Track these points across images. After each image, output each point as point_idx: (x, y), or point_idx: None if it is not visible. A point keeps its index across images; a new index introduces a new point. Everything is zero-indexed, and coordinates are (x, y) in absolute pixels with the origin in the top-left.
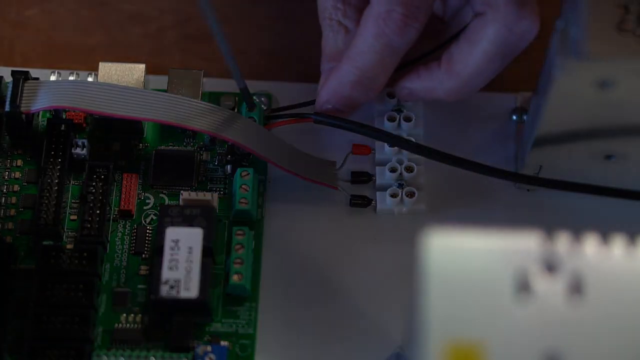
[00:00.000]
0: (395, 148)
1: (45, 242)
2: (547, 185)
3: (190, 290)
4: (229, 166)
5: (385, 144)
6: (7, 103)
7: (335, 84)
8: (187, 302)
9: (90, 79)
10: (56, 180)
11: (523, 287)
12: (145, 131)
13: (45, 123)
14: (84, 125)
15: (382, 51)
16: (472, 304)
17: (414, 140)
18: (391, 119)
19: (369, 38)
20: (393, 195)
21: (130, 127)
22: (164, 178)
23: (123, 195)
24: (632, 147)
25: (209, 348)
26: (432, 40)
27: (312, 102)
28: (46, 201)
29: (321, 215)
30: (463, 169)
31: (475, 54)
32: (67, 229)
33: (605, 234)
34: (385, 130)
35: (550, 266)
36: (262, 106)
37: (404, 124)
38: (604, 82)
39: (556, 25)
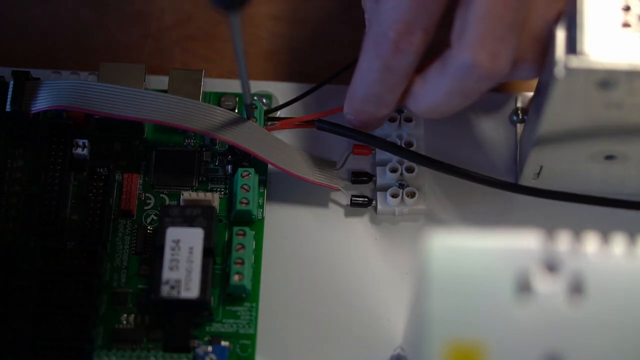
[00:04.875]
0: None
1: (46, 242)
2: (547, 196)
3: (191, 290)
4: (229, 166)
5: None
6: (8, 103)
7: (349, 95)
8: (188, 302)
9: (90, 79)
10: (57, 181)
11: (524, 287)
12: (146, 131)
13: (46, 123)
14: (85, 125)
15: (381, 71)
16: (473, 304)
17: (414, 142)
18: (392, 120)
19: (368, 57)
20: (394, 196)
21: (131, 127)
22: (164, 178)
23: (124, 196)
24: (632, 148)
25: (209, 348)
26: None
27: (306, 95)
28: (47, 201)
29: (321, 215)
30: (464, 179)
31: (437, 86)
32: (67, 229)
33: (605, 234)
34: (387, 140)
35: (551, 266)
36: (263, 107)
37: (404, 124)
38: (604, 82)
39: (557, 25)
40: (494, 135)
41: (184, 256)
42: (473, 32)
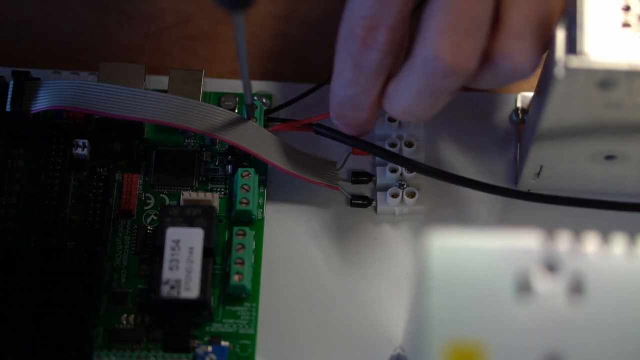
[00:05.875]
0: (396, 148)
1: (46, 242)
2: (544, 201)
3: (191, 290)
4: (229, 166)
5: (386, 142)
6: (8, 103)
7: (330, 99)
8: (188, 302)
9: (90, 79)
10: (57, 181)
11: (524, 287)
12: (146, 131)
13: (46, 123)
14: (85, 125)
15: (353, 69)
16: (473, 304)
17: (414, 142)
18: (392, 119)
19: (341, 56)
20: (394, 196)
21: (131, 127)
22: (164, 178)
23: (124, 196)
24: (632, 148)
25: (209, 348)
26: None
27: (306, 95)
28: (47, 201)
29: (321, 215)
30: (461, 186)
31: (407, 86)
32: (67, 229)
33: (605, 234)
34: (383, 147)
35: (551, 266)
36: (263, 107)
37: (404, 124)
38: (604, 82)
39: (557, 24)
40: (494, 135)
41: (184, 256)
42: (434, 25)
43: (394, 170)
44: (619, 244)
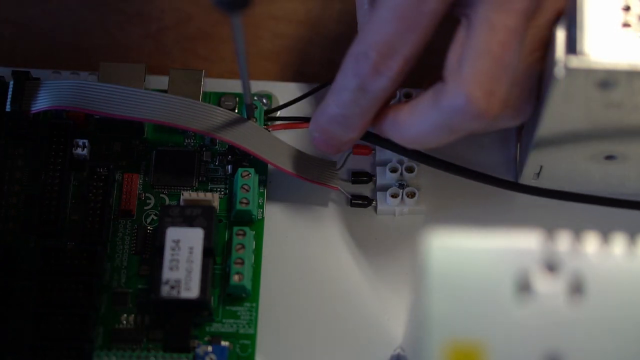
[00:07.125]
0: None
1: (46, 242)
2: (547, 195)
3: (191, 290)
4: (229, 166)
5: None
6: (8, 103)
7: (318, 113)
8: (188, 302)
9: (90, 79)
10: (57, 181)
11: (524, 287)
12: (146, 131)
13: (46, 123)
14: (85, 125)
15: (356, 90)
16: (473, 304)
17: None
18: None
19: (346, 75)
20: (394, 196)
21: (131, 127)
22: (164, 178)
23: (124, 196)
24: (632, 148)
25: (209, 348)
26: None
27: (307, 97)
28: (47, 201)
29: (321, 215)
30: (463, 177)
31: (426, 119)
32: (67, 229)
33: (605, 234)
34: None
35: (551, 266)
36: (263, 107)
37: None
38: (604, 82)
39: (557, 25)
40: (494, 135)
41: (184, 256)
42: (470, 69)
43: (394, 170)
44: (619, 244)
